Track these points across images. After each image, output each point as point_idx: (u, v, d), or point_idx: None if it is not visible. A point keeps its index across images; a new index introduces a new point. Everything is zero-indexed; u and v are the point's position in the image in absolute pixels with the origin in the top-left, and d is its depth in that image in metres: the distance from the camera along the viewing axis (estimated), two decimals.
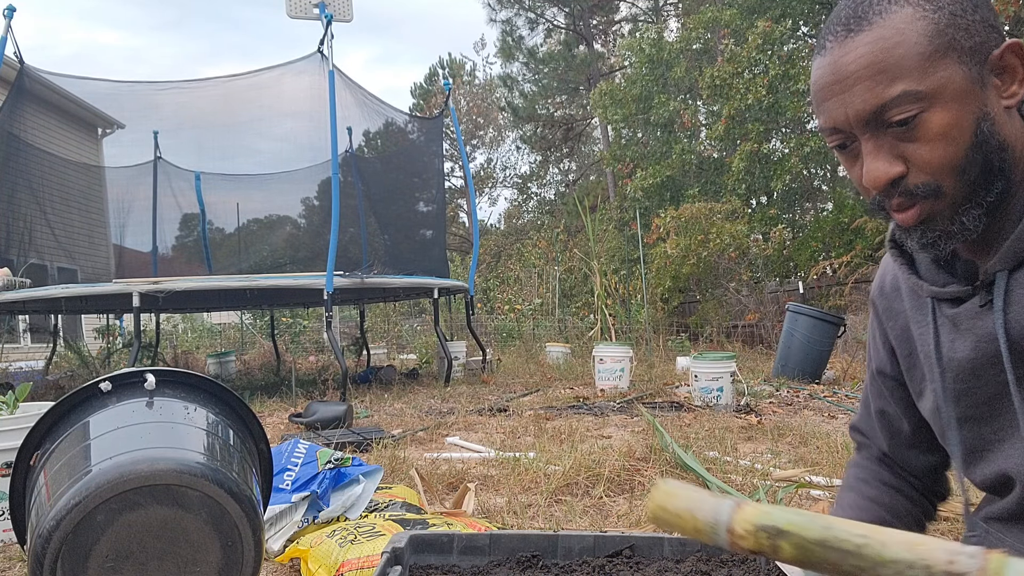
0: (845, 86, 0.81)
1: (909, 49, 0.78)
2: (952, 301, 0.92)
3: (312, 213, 10.21)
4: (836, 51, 0.82)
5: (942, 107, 0.78)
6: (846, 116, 0.82)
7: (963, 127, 0.79)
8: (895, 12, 0.79)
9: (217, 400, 1.73)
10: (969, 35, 0.79)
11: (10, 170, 7.44)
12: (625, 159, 16.14)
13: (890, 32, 0.79)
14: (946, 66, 0.78)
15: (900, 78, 0.78)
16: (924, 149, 0.80)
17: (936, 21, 0.78)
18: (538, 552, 1.31)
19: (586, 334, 11.20)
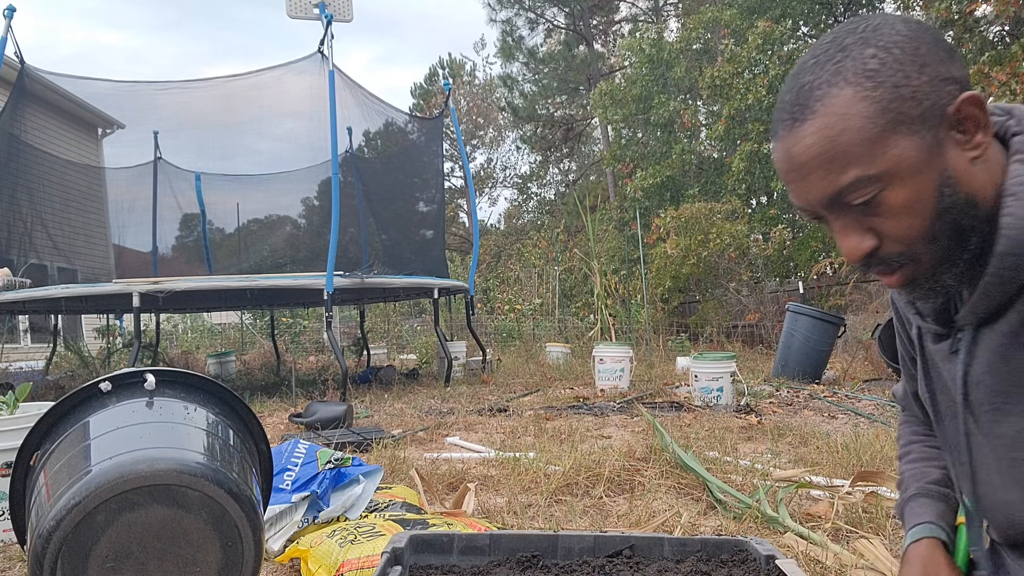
0: (800, 175, 0.81)
1: (855, 135, 0.77)
2: (934, 336, 0.95)
3: (312, 213, 10.21)
4: (786, 140, 0.82)
5: (899, 184, 0.78)
6: (808, 202, 0.83)
7: (924, 198, 0.78)
8: (836, 96, 0.77)
9: (217, 400, 1.73)
10: (916, 103, 0.77)
11: (10, 170, 7.44)
12: (625, 159, 16.14)
13: (834, 119, 0.77)
14: (896, 142, 0.77)
15: (851, 165, 0.78)
16: (890, 223, 0.80)
17: (878, 99, 0.76)
18: (538, 552, 1.31)
19: (586, 334, 11.20)
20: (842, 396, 5.42)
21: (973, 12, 8.79)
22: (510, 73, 25.68)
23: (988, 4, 8.55)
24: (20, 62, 7.43)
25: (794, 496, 2.63)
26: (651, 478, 2.97)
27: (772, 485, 2.76)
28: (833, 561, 1.97)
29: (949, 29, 9.21)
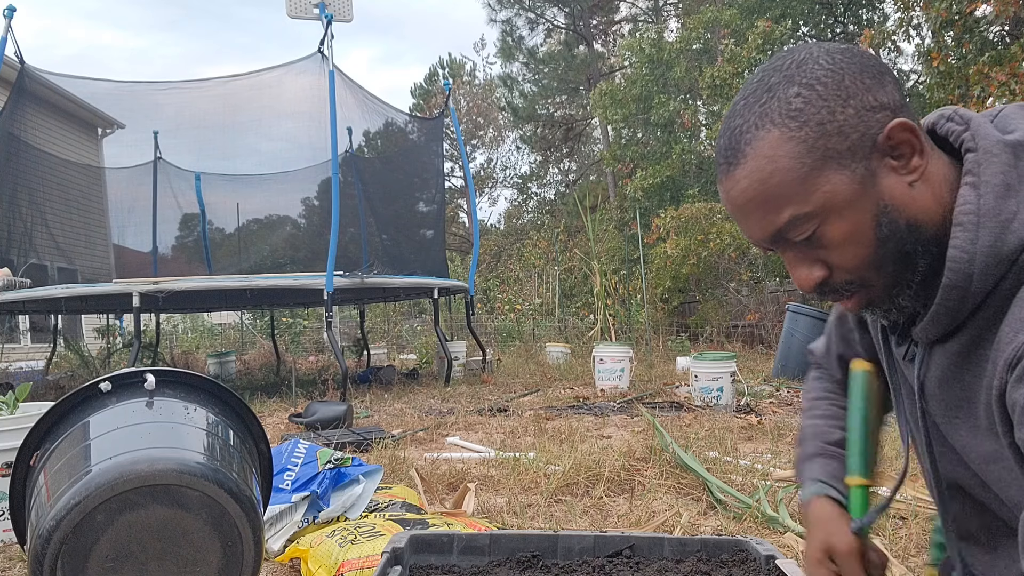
0: (742, 215, 0.84)
1: (784, 176, 0.78)
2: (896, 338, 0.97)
3: (312, 213, 10.21)
4: (725, 184, 0.84)
5: (836, 218, 0.79)
6: (756, 237, 0.85)
7: (863, 229, 0.79)
8: (763, 139, 0.78)
9: (217, 400, 1.73)
10: (843, 137, 0.77)
11: (11, 170, 7.44)
12: (625, 159, 16.14)
13: (763, 162, 0.79)
14: (827, 178, 0.77)
15: (785, 205, 0.79)
16: (835, 255, 0.81)
17: (804, 139, 0.77)
18: (538, 552, 1.31)
19: (586, 334, 11.20)
20: None
21: (973, 12, 8.78)
22: (510, 73, 25.71)
23: (988, 4, 8.55)
24: (20, 62, 7.43)
25: (794, 496, 2.63)
26: (651, 478, 2.97)
27: (772, 485, 2.76)
28: None
29: (949, 29, 9.20)
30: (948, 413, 0.87)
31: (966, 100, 8.51)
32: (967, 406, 0.83)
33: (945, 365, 0.86)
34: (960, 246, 0.78)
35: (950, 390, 0.86)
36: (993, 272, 0.76)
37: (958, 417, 0.86)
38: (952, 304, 0.80)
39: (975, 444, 0.84)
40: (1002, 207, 0.77)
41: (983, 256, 0.76)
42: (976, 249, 0.77)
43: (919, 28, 10.30)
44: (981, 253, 0.76)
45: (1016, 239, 0.75)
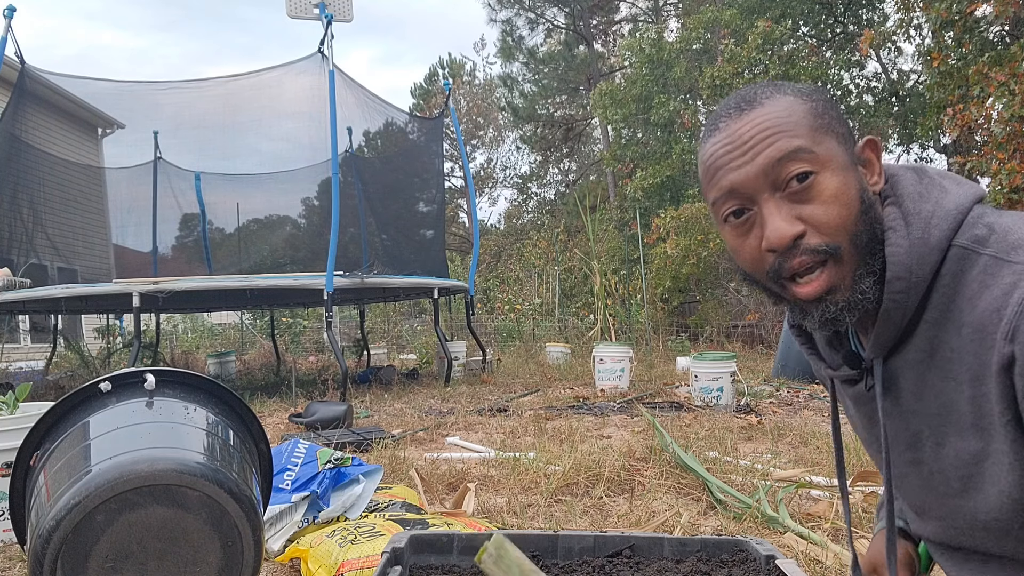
0: (746, 148, 0.87)
1: (799, 120, 0.87)
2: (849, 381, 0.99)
3: (312, 213, 10.21)
4: (732, 125, 0.88)
5: (832, 172, 0.85)
6: (746, 175, 0.86)
7: (851, 193, 0.86)
8: (780, 98, 0.88)
9: (217, 400, 1.73)
10: (841, 124, 0.89)
11: (11, 170, 7.44)
12: (625, 159, 16.14)
13: (781, 107, 0.87)
14: (829, 142, 0.86)
15: (796, 137, 0.85)
16: (820, 210, 0.85)
17: (815, 108, 0.87)
18: (538, 552, 1.31)
19: (586, 334, 11.19)
20: None
21: (973, 12, 8.78)
22: (510, 73, 25.69)
23: (988, 4, 8.55)
24: (20, 62, 7.43)
25: (794, 496, 2.63)
26: (651, 478, 2.97)
27: (772, 485, 2.76)
28: (833, 561, 1.97)
29: (949, 29, 9.20)
30: (934, 423, 0.88)
31: (966, 100, 8.51)
32: (947, 411, 0.86)
33: (913, 377, 0.89)
34: (895, 242, 0.86)
35: (926, 399, 0.88)
36: (927, 260, 0.84)
37: (944, 425, 0.87)
38: (899, 297, 0.85)
39: (964, 446, 0.85)
40: (920, 208, 0.87)
41: (916, 247, 0.85)
42: (908, 242, 0.85)
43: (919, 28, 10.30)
44: (914, 245, 0.85)
45: (939, 232, 0.85)
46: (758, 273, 0.91)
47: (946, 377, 0.84)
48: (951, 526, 0.92)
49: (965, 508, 0.89)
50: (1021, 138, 7.72)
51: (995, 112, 8.09)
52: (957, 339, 0.83)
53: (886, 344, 0.89)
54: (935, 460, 0.90)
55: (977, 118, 8.15)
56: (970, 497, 0.87)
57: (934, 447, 0.90)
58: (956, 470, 0.88)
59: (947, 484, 0.90)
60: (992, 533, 0.86)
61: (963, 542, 0.92)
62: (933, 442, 0.89)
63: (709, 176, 0.91)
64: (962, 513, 0.89)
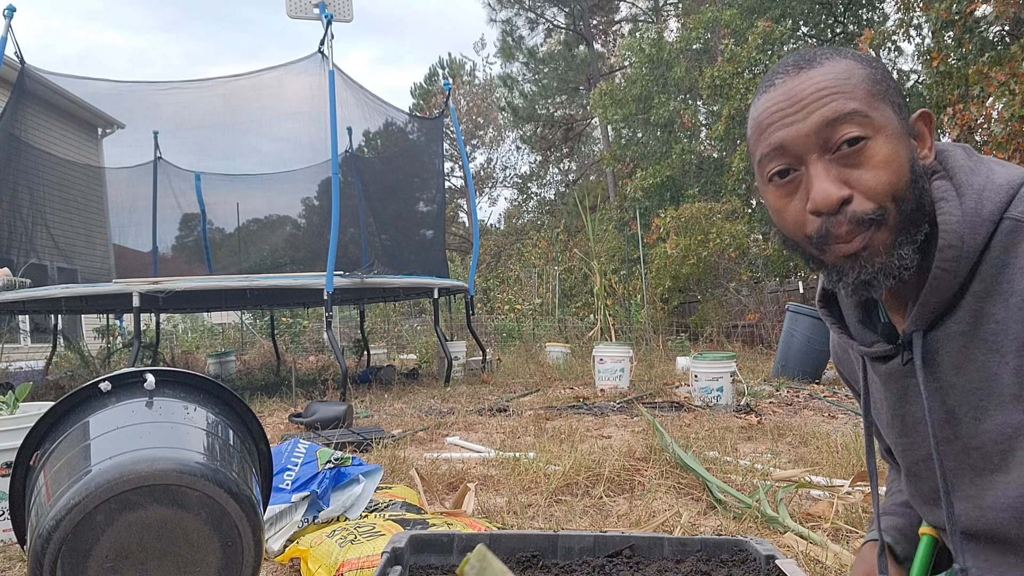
0: (800, 106, 0.86)
1: (857, 84, 0.86)
2: (882, 358, 0.98)
3: (312, 213, 10.21)
4: (789, 83, 0.88)
5: (885, 139, 0.85)
6: (798, 133, 0.86)
7: (902, 161, 0.85)
8: (840, 60, 0.88)
9: (217, 400, 1.73)
10: (898, 94, 0.89)
11: (11, 170, 7.44)
12: (625, 159, 16.14)
13: (840, 69, 0.87)
14: (885, 108, 0.86)
15: (853, 100, 0.85)
16: (869, 176, 0.84)
17: (873, 74, 0.88)
18: (538, 552, 1.31)
19: (586, 334, 11.20)
20: (842, 396, 5.42)
21: (973, 12, 8.79)
22: (510, 73, 25.70)
23: (988, 4, 8.55)
24: (20, 62, 7.43)
25: (794, 496, 2.63)
26: (651, 478, 2.97)
27: (772, 485, 2.76)
28: (833, 561, 1.97)
29: (949, 29, 9.20)
30: (974, 398, 0.88)
31: (966, 100, 8.51)
32: (989, 384, 0.86)
33: (955, 349, 0.88)
34: (948, 211, 0.86)
35: (968, 372, 0.88)
36: (980, 231, 0.84)
37: (984, 400, 0.87)
38: (949, 266, 0.85)
39: (1006, 420, 0.85)
40: (972, 181, 0.87)
41: (969, 216, 0.85)
42: (961, 212, 0.85)
43: (919, 28, 10.30)
44: (967, 214, 0.85)
45: (992, 204, 0.85)
46: (799, 236, 0.90)
47: (990, 349, 0.84)
48: (977, 506, 0.91)
49: (999, 484, 0.88)
50: (1021, 138, 7.72)
51: (995, 112, 8.09)
52: (1004, 310, 0.83)
53: (930, 316, 0.88)
54: (973, 436, 0.89)
55: (977, 118, 8.15)
56: (1008, 471, 0.86)
57: (973, 422, 0.89)
58: (996, 444, 0.87)
59: (986, 460, 0.89)
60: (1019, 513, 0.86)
61: (987, 525, 0.91)
62: (972, 417, 0.88)
63: (759, 132, 0.90)
64: (994, 490, 0.89)
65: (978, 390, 0.87)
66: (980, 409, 0.87)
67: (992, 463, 0.88)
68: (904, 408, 0.98)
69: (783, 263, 11.63)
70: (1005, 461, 0.87)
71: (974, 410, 0.88)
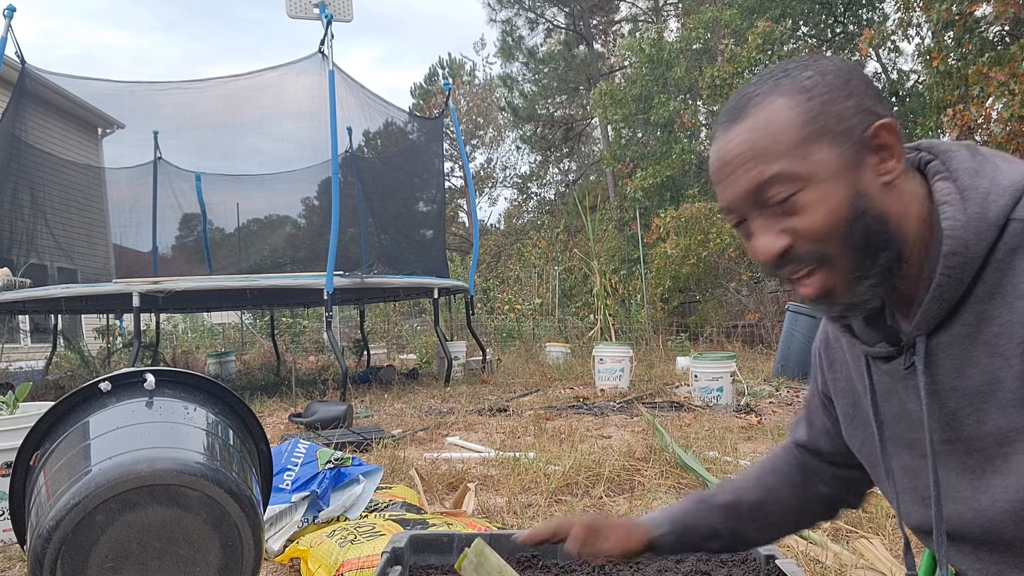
0: (729, 170, 0.88)
1: (781, 136, 0.85)
2: (884, 358, 0.97)
3: (312, 213, 10.21)
4: (721, 139, 0.90)
5: (816, 186, 0.85)
6: (732, 198, 0.89)
7: (838, 202, 0.85)
8: (770, 103, 0.86)
9: (217, 400, 1.73)
10: (840, 120, 0.85)
11: (11, 170, 7.44)
12: (625, 159, 16.14)
13: (763, 122, 0.86)
14: (818, 149, 0.84)
15: (775, 160, 0.85)
16: (805, 222, 0.85)
17: (807, 110, 0.85)
18: (538, 552, 1.31)
19: (586, 334, 11.19)
20: None
21: (973, 12, 8.79)
22: (510, 73, 25.69)
23: (988, 4, 8.55)
24: (21, 62, 7.43)
25: None
26: (651, 478, 2.97)
27: None
28: (833, 561, 1.97)
29: (949, 29, 9.20)
30: (976, 400, 0.88)
31: (966, 100, 8.51)
32: (991, 388, 0.86)
33: (956, 352, 0.87)
34: (952, 215, 0.85)
35: (970, 376, 0.87)
36: (985, 236, 0.83)
37: (987, 401, 0.86)
38: (954, 272, 0.84)
39: (1008, 423, 0.85)
40: (977, 183, 0.86)
41: (974, 222, 0.84)
42: (966, 217, 0.84)
43: (919, 28, 10.30)
44: (971, 219, 0.84)
45: (997, 208, 0.83)
46: (768, 271, 0.93)
47: (993, 352, 0.84)
48: (973, 508, 0.91)
49: (997, 487, 0.88)
50: (1021, 138, 7.72)
51: (995, 112, 8.09)
52: (1008, 313, 0.83)
53: (933, 321, 0.88)
54: (975, 439, 0.89)
55: (977, 118, 8.15)
56: (1007, 474, 0.86)
57: (975, 424, 0.88)
58: (999, 447, 0.87)
59: (986, 463, 0.89)
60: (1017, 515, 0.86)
61: (982, 527, 0.91)
62: (975, 419, 0.88)
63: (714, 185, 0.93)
64: (992, 493, 0.88)
65: (980, 393, 0.87)
66: (983, 412, 0.87)
67: (993, 466, 0.88)
68: (907, 404, 0.98)
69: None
70: (1006, 464, 0.86)
71: (976, 412, 0.88)
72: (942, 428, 0.92)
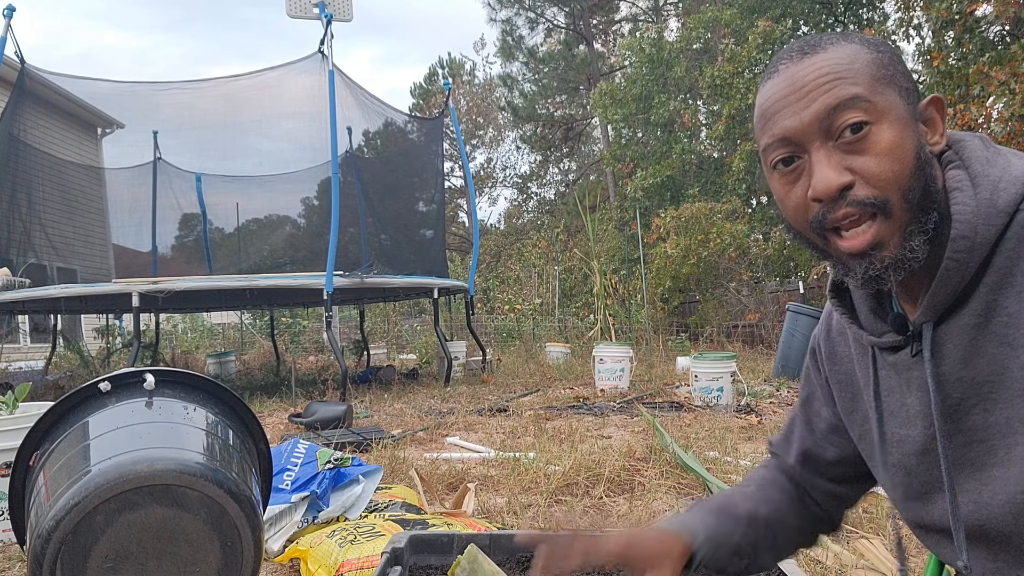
0: (802, 93, 0.86)
1: (861, 68, 0.85)
2: (891, 349, 0.96)
3: (312, 213, 10.21)
4: (792, 69, 0.88)
5: (889, 125, 0.83)
6: (800, 122, 0.86)
7: (907, 148, 0.84)
8: (845, 44, 0.87)
9: (217, 400, 1.73)
10: (906, 78, 0.87)
11: (10, 170, 7.44)
12: (625, 159, 16.14)
13: (844, 54, 0.86)
14: (890, 93, 0.85)
15: (855, 85, 0.84)
16: (872, 162, 0.83)
17: (879, 59, 0.86)
18: None
19: (586, 334, 11.19)
20: None
21: (973, 12, 8.79)
22: (510, 73, 25.69)
23: (988, 4, 8.55)
24: (20, 62, 7.43)
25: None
26: (651, 478, 2.97)
27: None
28: (833, 561, 1.97)
29: (949, 29, 9.20)
30: (984, 390, 0.87)
31: (966, 100, 8.51)
32: (998, 378, 0.85)
33: (964, 342, 0.87)
34: (962, 201, 0.85)
35: (977, 366, 0.87)
36: (994, 222, 0.83)
37: (994, 391, 0.86)
38: (961, 256, 0.84)
39: (1014, 414, 0.84)
40: (988, 171, 0.86)
41: (983, 207, 0.84)
42: (976, 203, 0.84)
43: (919, 28, 10.29)
44: (981, 205, 0.84)
45: (1008, 196, 0.83)
46: (801, 224, 0.89)
47: (1001, 343, 0.84)
48: (973, 500, 0.90)
49: (998, 480, 0.87)
50: (1021, 137, 7.72)
51: (995, 111, 8.09)
52: (1017, 303, 0.82)
53: (940, 308, 0.87)
54: (981, 430, 0.88)
55: (977, 117, 8.15)
56: (1008, 467, 0.86)
57: (981, 414, 0.88)
58: (1003, 439, 0.86)
59: (989, 455, 0.88)
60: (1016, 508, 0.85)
61: (981, 520, 0.90)
62: (981, 410, 0.88)
63: (763, 121, 0.90)
64: (992, 486, 0.88)
65: (987, 383, 0.86)
66: (989, 402, 0.87)
67: (996, 457, 0.87)
68: (907, 399, 0.98)
69: (783, 263, 11.64)
70: (1008, 456, 0.86)
71: (983, 402, 0.87)
72: (945, 419, 0.91)
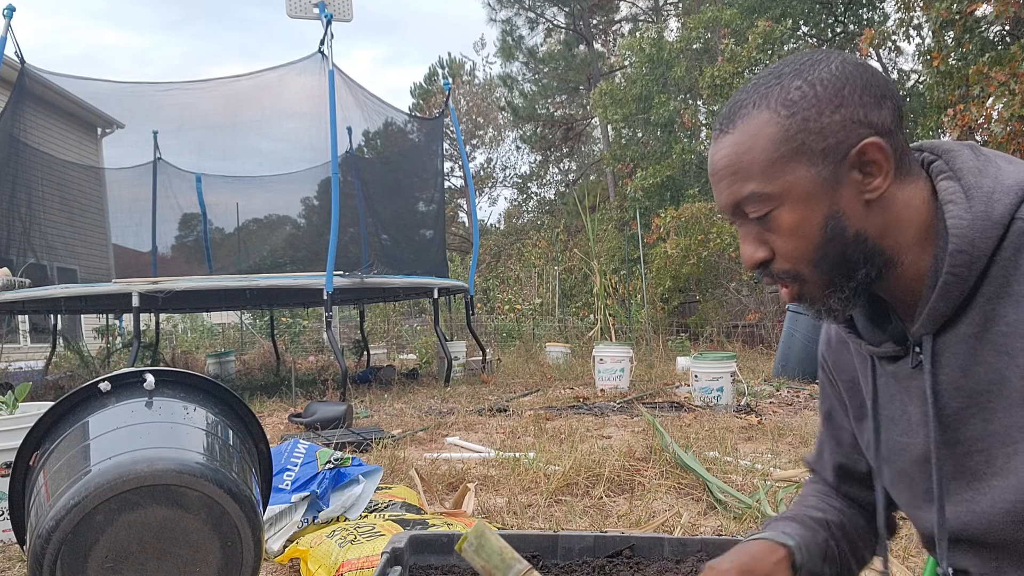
0: (715, 180, 0.92)
1: (759, 155, 0.86)
2: (890, 358, 0.98)
3: (312, 213, 10.21)
4: (712, 148, 0.92)
5: (790, 207, 0.86)
6: (721, 204, 0.92)
7: (811, 225, 0.86)
8: (755, 117, 0.87)
9: (217, 400, 1.73)
10: (822, 137, 0.84)
11: (10, 170, 7.44)
12: (625, 159, 16.14)
13: (748, 135, 0.87)
14: (793, 169, 0.85)
15: (750, 180, 0.87)
16: (780, 241, 0.88)
17: (787, 128, 0.85)
18: (538, 552, 1.31)
19: (586, 334, 11.19)
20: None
21: (973, 12, 8.79)
22: (510, 73, 25.69)
23: (988, 4, 8.55)
24: (20, 62, 7.43)
25: (794, 496, 2.63)
26: (651, 478, 2.97)
27: (772, 485, 2.76)
28: None
29: (949, 29, 9.20)
30: (982, 399, 0.88)
31: (966, 100, 8.51)
32: (997, 387, 0.86)
33: (963, 352, 0.88)
34: (957, 214, 0.85)
35: (975, 375, 0.87)
36: (990, 234, 0.84)
37: (992, 401, 0.86)
38: (960, 271, 0.85)
39: (1013, 423, 0.85)
40: (981, 182, 0.86)
41: (979, 220, 0.84)
42: (972, 215, 0.84)
43: (919, 28, 10.30)
44: (977, 218, 0.84)
45: (1002, 206, 0.84)
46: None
47: (1000, 352, 0.84)
48: (972, 510, 0.91)
49: (997, 488, 0.88)
50: (1021, 138, 7.72)
51: (995, 112, 8.09)
52: (1015, 312, 0.83)
53: (939, 319, 0.88)
54: (980, 439, 0.88)
55: (977, 118, 8.16)
56: (1008, 475, 0.86)
57: (980, 424, 0.88)
58: (1002, 447, 0.86)
59: (987, 464, 0.89)
60: (1018, 516, 0.86)
61: (981, 528, 0.90)
62: (980, 419, 0.88)
63: None
64: (992, 494, 0.88)
65: (986, 392, 0.87)
66: (988, 411, 0.87)
67: (994, 467, 0.88)
68: (909, 407, 0.98)
69: None
70: (1007, 465, 0.86)
71: (982, 411, 0.88)
72: (943, 429, 0.92)
